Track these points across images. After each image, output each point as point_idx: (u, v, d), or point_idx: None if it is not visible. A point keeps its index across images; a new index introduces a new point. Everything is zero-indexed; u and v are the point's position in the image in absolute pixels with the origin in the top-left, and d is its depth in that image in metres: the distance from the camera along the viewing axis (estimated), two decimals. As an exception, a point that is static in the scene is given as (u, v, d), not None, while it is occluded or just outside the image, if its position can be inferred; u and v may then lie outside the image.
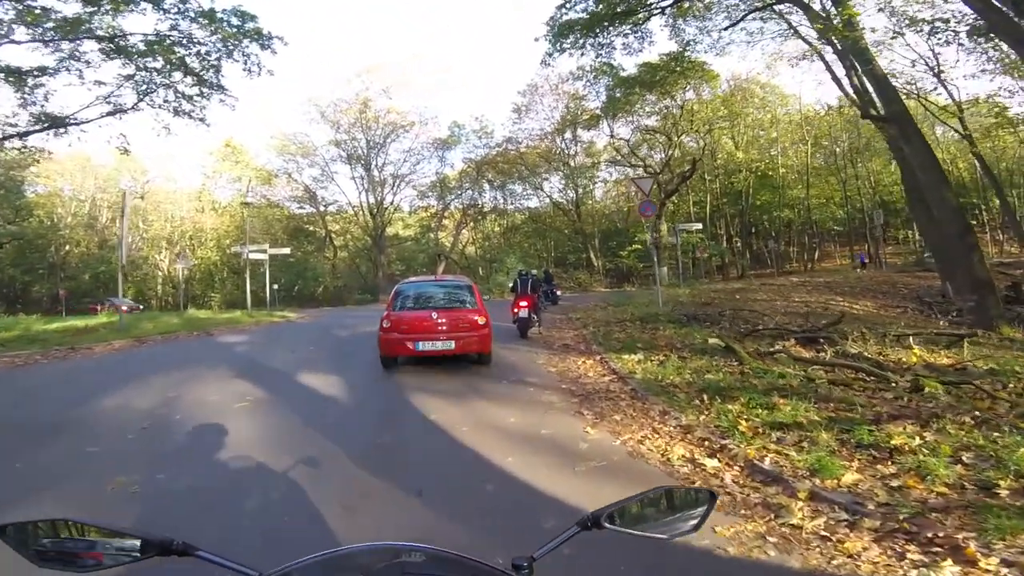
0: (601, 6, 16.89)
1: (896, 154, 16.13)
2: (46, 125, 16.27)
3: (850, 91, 15.79)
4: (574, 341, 10.25)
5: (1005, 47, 14.83)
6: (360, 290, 38.98)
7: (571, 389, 6.37)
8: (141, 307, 30.13)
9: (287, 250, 27.34)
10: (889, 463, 3.55)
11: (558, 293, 20.60)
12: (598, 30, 18.22)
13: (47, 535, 0.84)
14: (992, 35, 13.94)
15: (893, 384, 5.42)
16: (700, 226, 26.46)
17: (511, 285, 12.68)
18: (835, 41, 14.38)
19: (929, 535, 2.62)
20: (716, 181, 37.90)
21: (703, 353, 7.45)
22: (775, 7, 16.30)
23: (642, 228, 38.78)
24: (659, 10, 17.33)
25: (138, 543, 0.83)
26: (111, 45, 15.61)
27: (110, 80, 16.32)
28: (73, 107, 17.08)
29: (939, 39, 16.09)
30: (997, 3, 10.29)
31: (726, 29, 18.48)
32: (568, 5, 17.53)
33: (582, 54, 19.94)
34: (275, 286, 35.85)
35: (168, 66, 16.49)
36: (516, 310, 10.96)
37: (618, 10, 16.93)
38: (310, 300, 38.47)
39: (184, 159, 61.86)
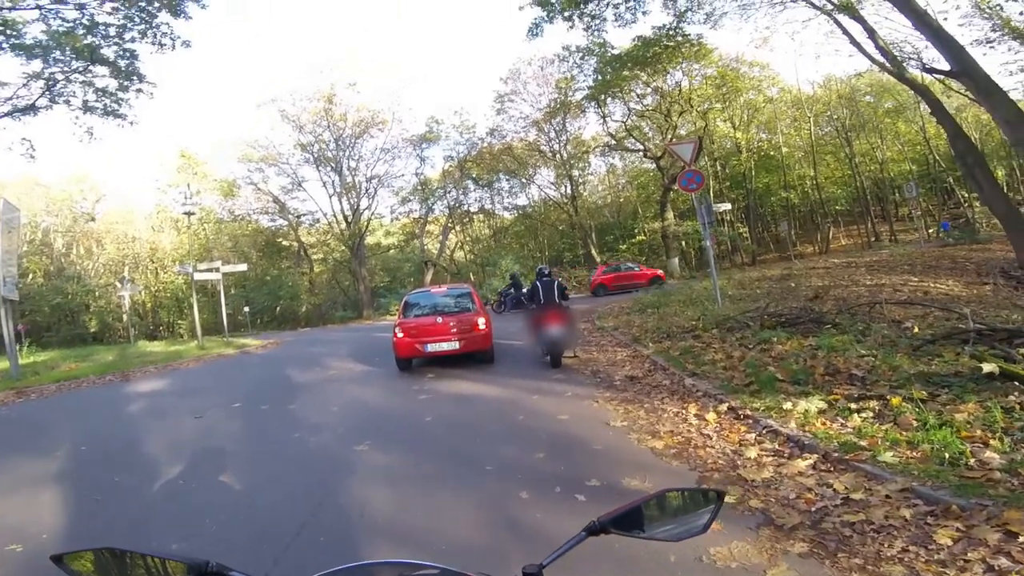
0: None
1: (941, 118, 13.79)
2: None
3: (876, 55, 13.51)
4: (638, 369, 6.76)
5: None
6: (342, 306, 35.23)
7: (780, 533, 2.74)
8: None
9: (243, 267, 23.77)
10: None
11: (569, 296, 17.22)
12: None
13: (97, 564, 0.85)
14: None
15: None
16: (729, 206, 23.35)
17: (525, 291, 9.24)
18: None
19: None
20: (715, 164, 35.01)
21: (932, 383, 4.03)
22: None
23: (641, 219, 36.30)
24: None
25: (179, 567, 0.84)
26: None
27: (13, 80, 13.84)
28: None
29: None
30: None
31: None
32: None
33: (571, 26, 17.09)
34: (246, 308, 32.39)
35: (74, 57, 13.27)
36: (542, 327, 7.48)
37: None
38: (293, 320, 35.05)
39: (141, 177, 57.76)
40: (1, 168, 39.75)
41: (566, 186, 36.28)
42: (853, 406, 3.97)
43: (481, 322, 8.26)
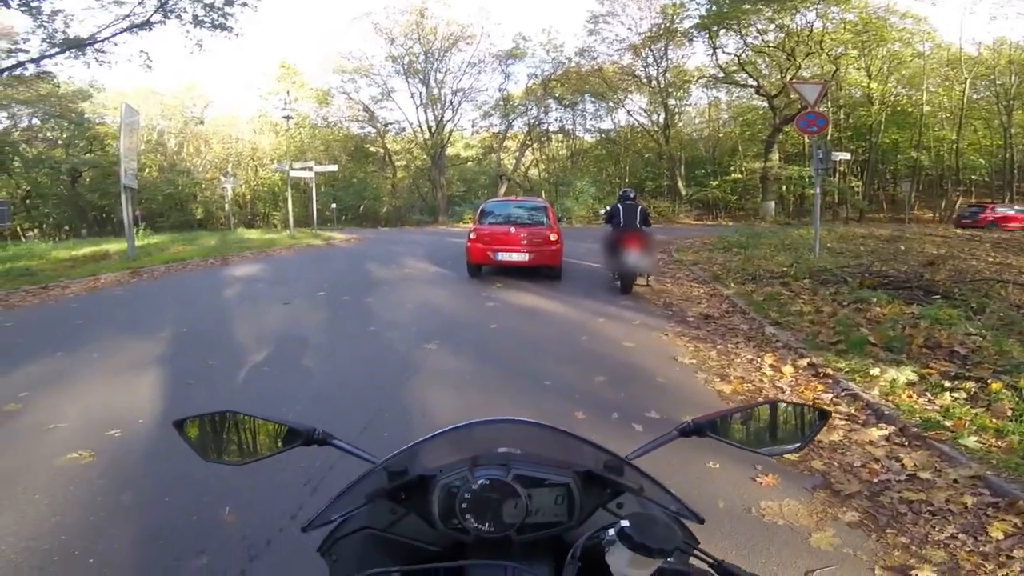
0: None
1: None
2: (59, 49, 14.64)
3: None
4: (715, 308, 6.49)
5: None
6: (420, 211, 36.52)
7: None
8: None
9: (334, 167, 25.07)
10: None
11: (651, 223, 16.49)
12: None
13: (213, 428, 0.91)
14: None
15: None
16: (848, 156, 21.33)
17: (604, 212, 9.02)
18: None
19: None
20: (839, 111, 31.13)
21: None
22: None
23: (740, 157, 33.59)
24: None
25: (286, 430, 0.89)
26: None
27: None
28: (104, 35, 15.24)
29: None
30: None
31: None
32: None
33: None
34: (334, 205, 34.37)
35: None
36: (618, 249, 7.28)
37: None
38: (373, 220, 37.08)
39: (244, 85, 60.46)
40: (122, 78, 43.55)
41: (659, 114, 34.09)
42: (947, 384, 3.63)
43: (553, 236, 8.29)
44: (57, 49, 14.34)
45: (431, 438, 0.84)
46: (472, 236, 8.42)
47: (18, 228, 32.23)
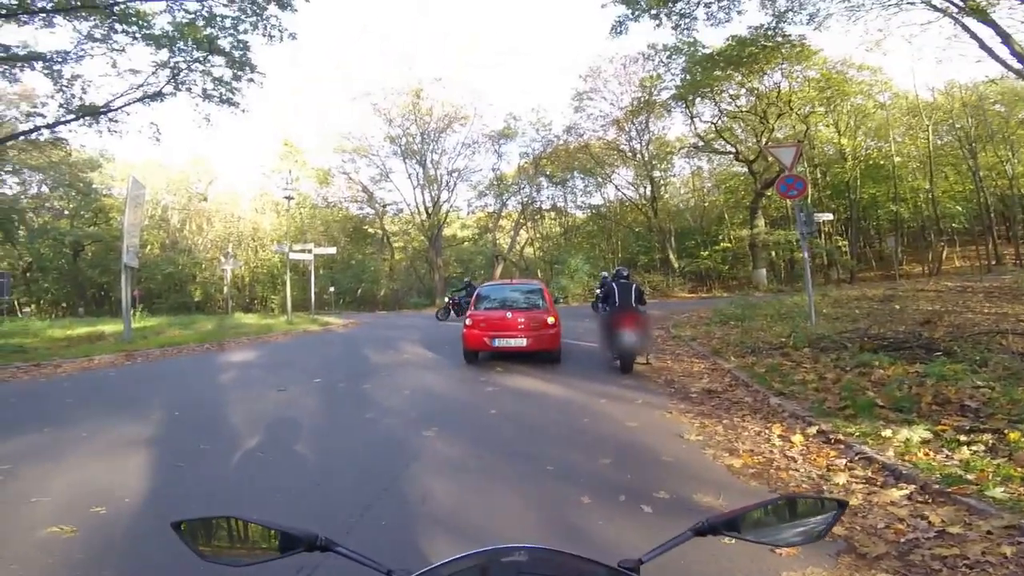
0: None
1: None
2: (75, 115, 15.04)
3: (1011, 61, 12.50)
4: (717, 382, 6.39)
5: None
6: (417, 293, 36.64)
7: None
8: None
9: (332, 250, 25.38)
10: None
11: (647, 301, 16.45)
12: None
13: (213, 531, 0.91)
14: None
15: None
16: (831, 216, 21.79)
17: (599, 290, 9.02)
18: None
19: None
20: (815, 171, 32.37)
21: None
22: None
23: (727, 225, 34.45)
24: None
25: (289, 538, 0.88)
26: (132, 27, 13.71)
27: (144, 68, 15.39)
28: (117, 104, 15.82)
29: None
30: None
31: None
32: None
33: (658, 24, 16.40)
34: (331, 288, 34.56)
35: (195, 47, 14.57)
36: (616, 330, 7.27)
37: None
38: (371, 303, 37.14)
39: (247, 162, 62.64)
40: (130, 150, 45.45)
41: (645, 187, 35.20)
42: (963, 438, 3.57)
43: (550, 320, 8.08)
44: (72, 115, 14.77)
45: (444, 564, 0.85)
46: (468, 323, 8.23)
47: (16, 302, 31.80)
